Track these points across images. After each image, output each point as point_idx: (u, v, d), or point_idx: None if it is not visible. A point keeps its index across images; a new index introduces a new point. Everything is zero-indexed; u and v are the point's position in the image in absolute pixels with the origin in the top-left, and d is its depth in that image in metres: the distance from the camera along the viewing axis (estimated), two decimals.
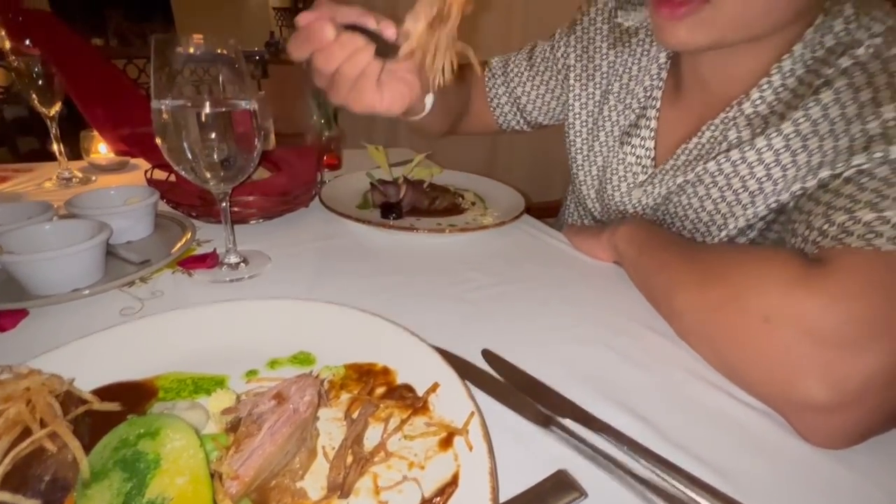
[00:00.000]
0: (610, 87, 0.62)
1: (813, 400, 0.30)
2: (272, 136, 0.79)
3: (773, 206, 0.46)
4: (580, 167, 0.67)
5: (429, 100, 0.49)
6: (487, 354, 0.37)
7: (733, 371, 0.35)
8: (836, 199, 0.36)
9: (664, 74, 0.57)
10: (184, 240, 0.51)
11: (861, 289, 0.31)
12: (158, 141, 0.42)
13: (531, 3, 1.59)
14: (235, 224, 0.53)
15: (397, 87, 0.44)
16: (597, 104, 0.64)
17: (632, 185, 0.59)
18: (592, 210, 0.67)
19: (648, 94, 0.58)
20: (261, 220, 0.58)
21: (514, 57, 0.72)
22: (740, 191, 0.48)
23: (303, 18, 0.40)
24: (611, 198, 0.62)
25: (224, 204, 0.47)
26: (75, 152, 0.86)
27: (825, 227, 0.35)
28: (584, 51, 0.64)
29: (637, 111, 0.59)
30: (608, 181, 0.62)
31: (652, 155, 0.57)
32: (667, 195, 0.55)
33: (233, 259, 0.49)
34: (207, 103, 0.41)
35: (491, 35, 1.59)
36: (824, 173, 0.39)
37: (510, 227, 0.61)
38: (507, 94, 0.71)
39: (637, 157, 0.58)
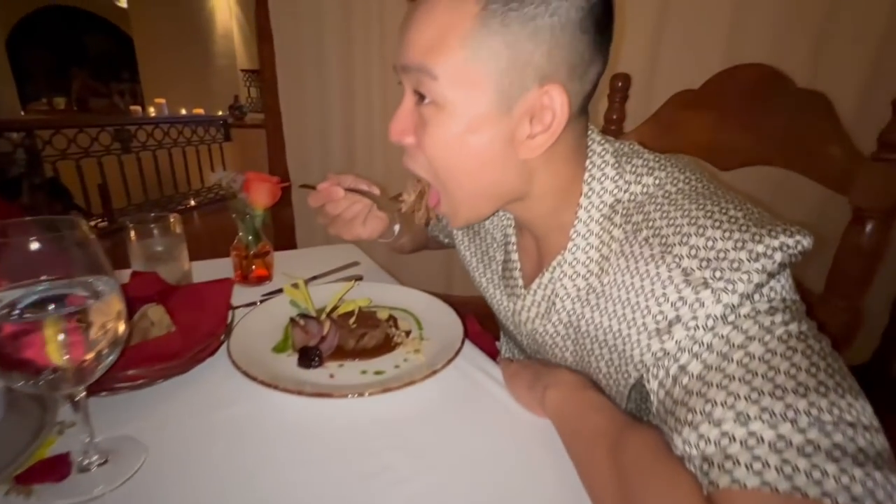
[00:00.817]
0: (487, 233, 0.66)
1: None
2: (186, 264, 0.71)
3: (632, 377, 0.45)
4: (491, 304, 0.67)
5: (396, 228, 0.73)
6: None
7: None
8: (687, 397, 0.36)
9: (511, 216, 0.60)
10: (38, 439, 0.42)
11: None
12: None
13: None
14: (113, 394, 0.45)
15: (374, 222, 0.70)
16: (480, 251, 0.67)
17: (517, 318, 0.59)
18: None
19: (504, 231, 0.62)
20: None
21: None
22: (586, 356, 0.50)
23: (322, 186, 0.66)
24: (510, 332, 0.65)
25: (80, 397, 0.39)
26: None
27: (702, 445, 0.34)
28: None
29: (503, 246, 0.62)
30: (499, 312, 0.65)
31: (520, 283, 0.58)
32: (541, 341, 0.56)
33: (93, 458, 0.40)
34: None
35: None
36: (654, 347, 0.41)
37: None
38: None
39: (511, 288, 0.59)
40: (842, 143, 0.63)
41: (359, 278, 0.83)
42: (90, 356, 0.35)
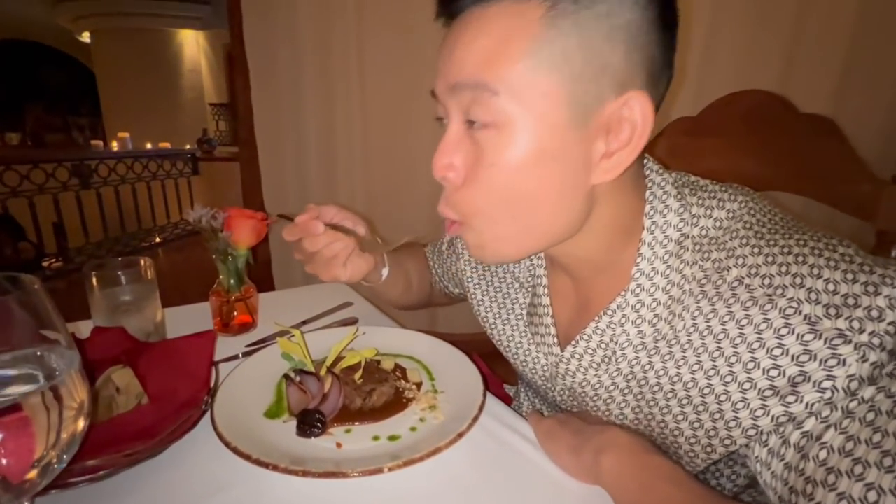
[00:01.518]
0: (505, 273, 0.60)
1: None
2: (159, 314, 0.62)
3: (717, 447, 0.39)
4: (503, 350, 0.61)
5: (384, 272, 0.67)
6: None
7: None
8: (829, 476, 0.31)
9: (541, 254, 0.54)
10: None
11: None
12: None
13: None
14: (66, 489, 0.36)
15: (357, 263, 0.62)
16: (500, 294, 0.60)
17: (546, 370, 0.54)
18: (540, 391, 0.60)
19: (532, 272, 0.56)
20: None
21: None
22: (658, 414, 0.43)
23: (300, 218, 0.58)
24: (535, 384, 0.57)
25: None
26: None
27: None
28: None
29: (530, 290, 0.56)
30: (531, 365, 0.57)
31: (553, 332, 0.52)
32: (582, 392, 0.50)
33: None
34: None
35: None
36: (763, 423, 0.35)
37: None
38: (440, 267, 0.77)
39: (542, 336, 0.53)
40: (857, 166, 0.62)
41: (354, 321, 0.75)
42: (33, 474, 0.26)
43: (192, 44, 6.04)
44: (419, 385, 0.56)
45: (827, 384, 0.32)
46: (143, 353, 0.50)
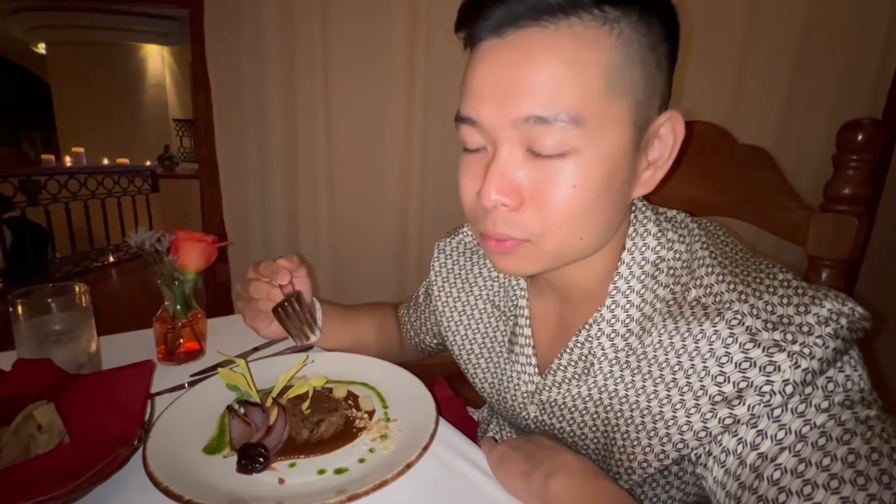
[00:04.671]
0: (479, 300, 0.61)
1: None
2: (93, 344, 0.59)
3: (662, 457, 0.41)
4: (479, 382, 0.62)
5: (313, 338, 0.64)
6: None
7: None
8: (758, 483, 0.34)
9: (523, 283, 0.55)
10: None
11: None
12: None
13: None
14: None
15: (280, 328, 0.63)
16: (473, 321, 0.61)
17: (525, 397, 0.54)
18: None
19: (514, 302, 0.56)
20: None
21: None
22: (618, 425, 0.44)
23: (281, 262, 0.64)
24: (511, 410, 0.57)
25: None
26: None
27: None
28: (445, 280, 0.65)
29: (512, 318, 0.56)
30: (506, 392, 0.57)
31: (534, 362, 0.53)
32: (560, 413, 0.50)
33: None
34: None
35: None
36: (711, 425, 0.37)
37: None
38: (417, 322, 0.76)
39: (522, 365, 0.54)
40: (790, 195, 0.66)
41: (308, 347, 0.73)
42: None
43: (157, 58, 5.90)
44: (371, 413, 0.54)
45: (766, 388, 0.35)
46: (71, 386, 0.47)
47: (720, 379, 0.37)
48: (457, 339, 0.63)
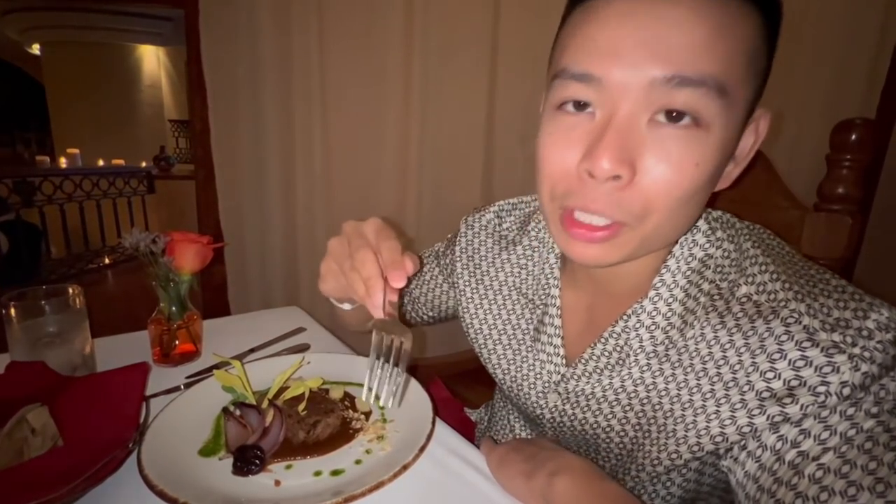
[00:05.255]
0: (503, 286, 0.59)
1: None
2: (87, 346, 0.58)
3: (696, 450, 0.40)
4: (493, 368, 0.60)
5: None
6: None
7: None
8: (797, 479, 0.33)
9: (557, 272, 0.54)
10: None
11: None
12: None
13: None
14: None
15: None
16: (496, 306, 0.59)
17: (546, 386, 0.53)
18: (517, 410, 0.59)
19: (546, 291, 0.55)
20: None
21: None
22: (655, 417, 0.43)
23: (405, 259, 0.46)
24: (527, 398, 0.55)
25: None
26: None
27: None
28: (471, 259, 0.63)
29: (541, 307, 0.55)
30: (524, 380, 0.56)
31: (561, 353, 0.52)
32: (585, 404, 0.49)
33: None
34: None
35: None
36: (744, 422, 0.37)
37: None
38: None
39: (548, 354, 0.53)
40: (784, 195, 0.66)
41: (305, 348, 0.73)
42: None
43: (153, 59, 5.87)
44: (368, 415, 0.54)
45: (821, 388, 0.34)
46: (64, 389, 0.47)
47: (770, 375, 0.36)
48: (474, 322, 0.61)
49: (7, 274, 3.12)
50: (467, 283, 0.62)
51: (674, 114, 0.35)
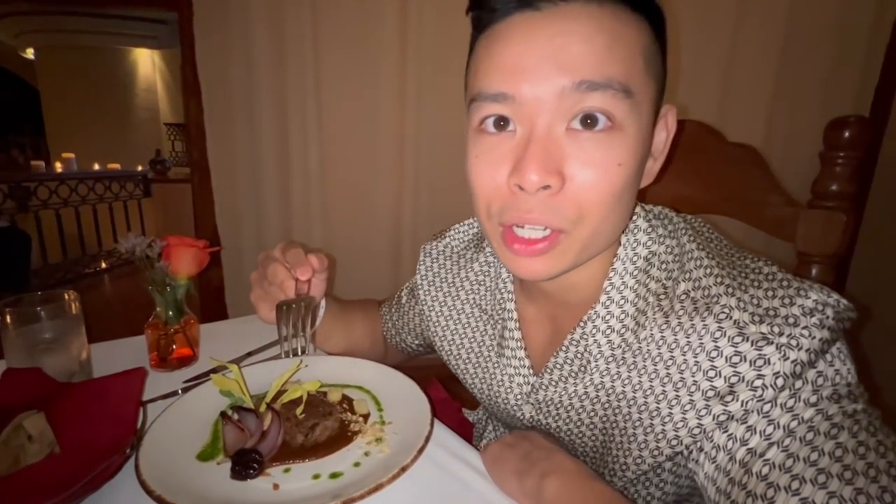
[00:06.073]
0: (465, 304, 0.61)
1: None
2: (84, 352, 0.58)
3: (657, 454, 0.41)
4: (469, 385, 0.61)
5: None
6: None
7: None
8: (747, 478, 0.34)
9: (510, 286, 0.55)
10: None
11: None
12: None
13: None
14: None
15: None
16: (461, 325, 0.61)
17: (519, 398, 0.54)
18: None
19: (502, 305, 0.56)
20: None
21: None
22: (617, 422, 0.44)
23: (310, 257, 0.61)
24: (504, 411, 0.57)
25: None
26: None
27: None
28: (431, 283, 0.65)
29: (500, 322, 0.56)
30: (497, 395, 0.57)
31: (527, 364, 0.53)
32: (556, 413, 0.50)
33: None
34: None
35: None
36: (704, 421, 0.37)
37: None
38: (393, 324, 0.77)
39: (514, 367, 0.54)
40: (779, 192, 0.66)
41: (301, 351, 0.73)
42: None
43: (148, 62, 5.86)
44: (366, 417, 0.54)
45: (758, 382, 0.35)
46: (61, 395, 0.46)
47: (711, 374, 0.37)
48: (444, 343, 0.63)
49: (2, 282, 3.10)
50: (431, 308, 0.64)
51: (588, 119, 0.37)
